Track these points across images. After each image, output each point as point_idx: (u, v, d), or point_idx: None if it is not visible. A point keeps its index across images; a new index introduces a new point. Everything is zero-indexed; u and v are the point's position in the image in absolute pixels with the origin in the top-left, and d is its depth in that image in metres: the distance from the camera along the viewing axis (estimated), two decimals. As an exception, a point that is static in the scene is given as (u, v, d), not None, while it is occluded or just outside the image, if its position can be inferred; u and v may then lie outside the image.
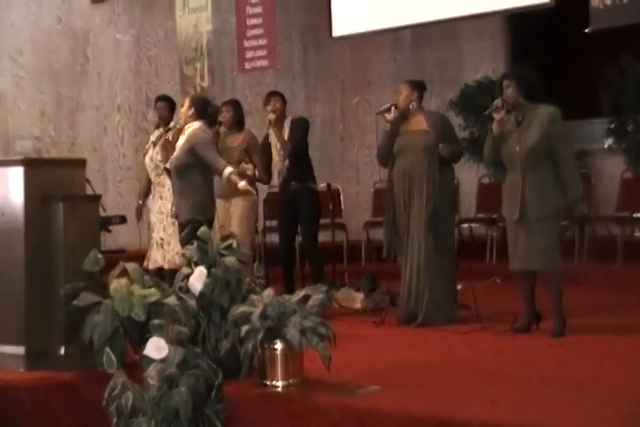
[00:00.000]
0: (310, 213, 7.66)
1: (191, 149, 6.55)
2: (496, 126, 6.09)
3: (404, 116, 6.83)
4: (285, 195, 7.71)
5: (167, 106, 7.87)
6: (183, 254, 5.05)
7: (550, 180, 5.94)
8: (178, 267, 6.96)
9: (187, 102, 6.82)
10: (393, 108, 6.78)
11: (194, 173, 6.60)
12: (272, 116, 7.65)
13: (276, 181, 7.79)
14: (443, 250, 6.60)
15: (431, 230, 6.53)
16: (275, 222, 8.32)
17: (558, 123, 5.98)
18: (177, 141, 6.86)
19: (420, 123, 6.79)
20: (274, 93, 7.92)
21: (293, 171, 7.65)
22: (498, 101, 6.07)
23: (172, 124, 7.27)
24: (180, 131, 7.16)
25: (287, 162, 7.66)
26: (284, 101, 7.80)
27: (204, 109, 6.79)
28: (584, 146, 10.39)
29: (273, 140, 7.75)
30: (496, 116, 6.07)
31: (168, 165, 6.84)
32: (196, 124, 6.69)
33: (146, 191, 7.80)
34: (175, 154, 6.69)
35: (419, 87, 6.90)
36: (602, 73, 9.91)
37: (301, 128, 7.76)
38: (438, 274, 6.60)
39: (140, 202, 7.88)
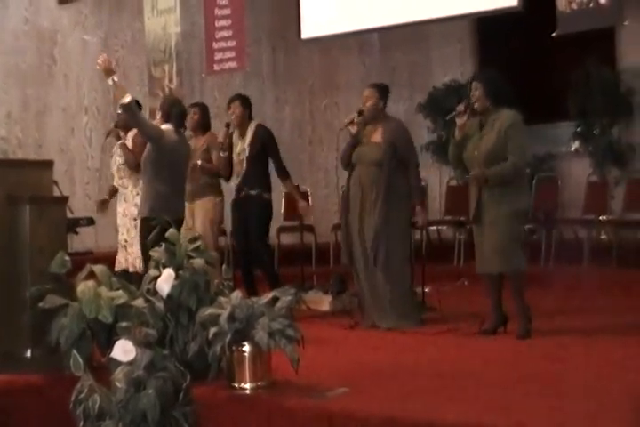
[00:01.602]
0: (257, 222, 7.64)
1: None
2: (458, 131, 6.11)
3: (366, 123, 6.83)
4: (238, 200, 7.72)
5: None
6: (150, 256, 5.03)
7: (508, 183, 5.94)
8: (138, 270, 7.02)
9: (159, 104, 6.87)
10: (355, 118, 6.78)
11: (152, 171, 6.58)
12: (233, 123, 7.72)
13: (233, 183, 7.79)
14: (394, 260, 6.61)
15: (379, 243, 6.55)
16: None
17: (516, 128, 5.96)
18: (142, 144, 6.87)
19: (377, 134, 6.78)
20: (233, 99, 7.87)
21: (248, 177, 7.65)
22: (460, 106, 6.10)
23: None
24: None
25: (245, 167, 7.66)
26: (244, 105, 7.77)
27: (169, 111, 6.74)
28: (550, 149, 10.49)
29: (235, 141, 7.75)
30: (458, 120, 6.09)
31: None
32: (163, 127, 6.65)
33: (112, 189, 7.79)
34: (144, 154, 6.64)
35: (385, 93, 6.89)
36: (568, 77, 10.00)
37: (272, 140, 7.78)
38: (390, 281, 6.61)
39: (106, 197, 7.86)
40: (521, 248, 6.07)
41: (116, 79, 6.21)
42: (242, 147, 7.70)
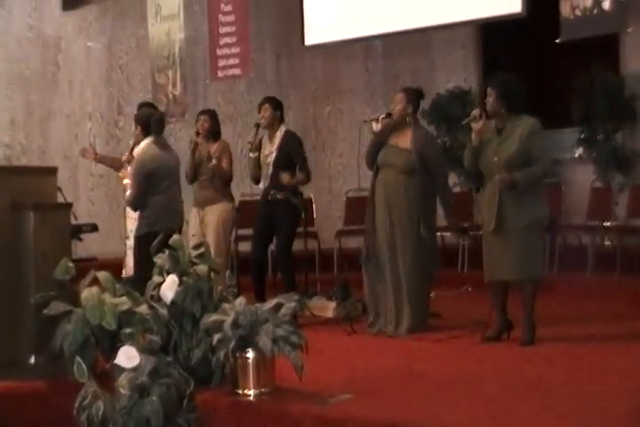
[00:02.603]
0: (286, 226, 7.62)
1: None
2: (475, 136, 6.06)
3: (394, 126, 6.82)
4: (264, 204, 7.68)
5: None
6: (155, 263, 5.03)
7: (528, 190, 5.94)
8: None
9: (134, 122, 6.94)
10: (381, 117, 6.78)
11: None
12: (263, 124, 7.71)
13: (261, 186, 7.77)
14: (423, 263, 6.62)
15: (408, 253, 6.58)
16: (246, 231, 8.31)
17: (539, 135, 5.97)
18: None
19: (406, 139, 6.76)
20: (263, 102, 7.85)
21: (276, 180, 7.61)
22: (475, 111, 6.07)
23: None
24: (132, 150, 7.26)
25: (271, 170, 7.65)
26: (275, 108, 7.75)
27: (147, 124, 6.78)
28: (555, 155, 10.45)
29: (265, 142, 7.75)
30: (474, 126, 6.04)
31: None
32: (143, 143, 6.71)
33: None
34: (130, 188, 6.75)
35: (416, 99, 6.86)
36: (572, 83, 9.98)
37: (299, 147, 7.75)
38: (420, 286, 6.62)
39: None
40: (541, 257, 6.06)
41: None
42: (269, 150, 7.69)
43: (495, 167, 5.96)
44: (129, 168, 7.10)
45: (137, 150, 6.76)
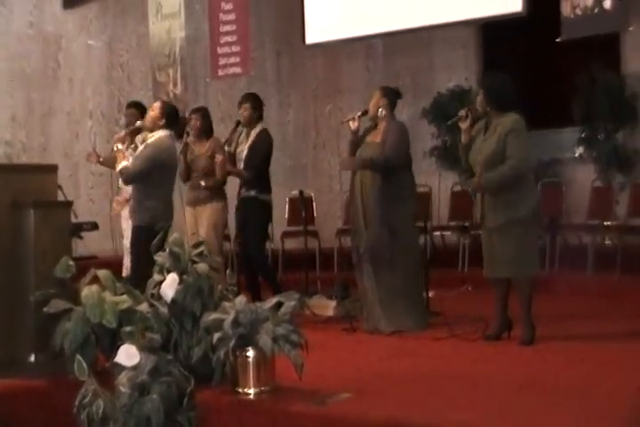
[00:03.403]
0: (254, 224, 7.66)
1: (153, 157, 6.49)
2: (464, 135, 6.15)
3: (374, 123, 6.87)
4: (238, 202, 7.76)
5: (137, 113, 7.89)
6: (155, 261, 5.02)
7: (505, 190, 5.90)
8: None
9: (157, 109, 6.70)
10: (357, 116, 6.84)
11: (152, 179, 6.52)
12: (243, 122, 7.80)
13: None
14: (404, 262, 6.62)
15: (382, 246, 6.57)
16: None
17: (517, 132, 5.93)
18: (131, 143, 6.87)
19: (378, 135, 6.81)
20: (244, 99, 7.91)
21: (246, 179, 7.69)
22: (462, 111, 6.16)
23: (138, 123, 7.09)
24: (134, 132, 7.12)
25: (242, 167, 7.72)
26: (254, 107, 7.80)
27: (174, 120, 6.73)
28: (555, 155, 10.48)
29: (242, 139, 7.84)
30: (462, 125, 6.15)
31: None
32: (162, 133, 6.61)
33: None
34: (135, 160, 6.59)
35: (390, 94, 6.91)
36: (573, 82, 9.99)
37: (263, 146, 7.77)
38: (398, 284, 6.62)
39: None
40: (534, 255, 6.06)
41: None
42: (241, 147, 7.77)
43: (478, 166, 5.98)
44: (120, 146, 6.89)
45: (152, 138, 6.61)
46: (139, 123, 6.96)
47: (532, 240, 6.09)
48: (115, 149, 6.63)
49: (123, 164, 6.47)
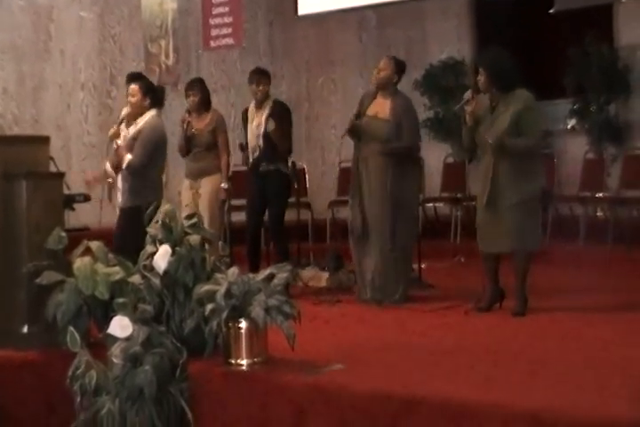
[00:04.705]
0: (279, 196, 7.60)
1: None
2: (469, 118, 6.11)
3: (375, 91, 6.83)
4: (255, 176, 7.66)
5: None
6: (147, 232, 5.01)
7: (522, 166, 5.94)
8: None
9: (137, 92, 6.54)
10: (352, 119, 6.79)
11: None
12: (256, 97, 7.61)
13: (250, 157, 7.71)
14: (404, 234, 6.63)
15: (387, 224, 6.57)
16: (239, 202, 8.31)
17: (531, 110, 5.98)
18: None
19: (385, 109, 6.75)
20: (259, 74, 7.71)
21: (266, 152, 7.58)
22: (467, 94, 6.13)
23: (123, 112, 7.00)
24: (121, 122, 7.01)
25: (261, 142, 7.61)
26: (268, 81, 7.70)
27: (156, 95, 6.66)
28: (547, 126, 10.45)
29: (251, 115, 7.68)
30: (467, 108, 6.10)
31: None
32: (150, 114, 6.55)
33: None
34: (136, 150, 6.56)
35: (401, 69, 6.87)
36: (566, 54, 9.96)
37: (287, 119, 7.69)
38: (396, 259, 6.63)
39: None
40: (539, 230, 6.09)
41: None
42: (258, 121, 7.61)
43: (488, 144, 5.96)
44: (119, 142, 6.84)
45: (142, 121, 6.56)
46: (124, 112, 6.86)
47: (539, 215, 6.13)
48: (115, 146, 6.65)
49: (128, 157, 6.45)
